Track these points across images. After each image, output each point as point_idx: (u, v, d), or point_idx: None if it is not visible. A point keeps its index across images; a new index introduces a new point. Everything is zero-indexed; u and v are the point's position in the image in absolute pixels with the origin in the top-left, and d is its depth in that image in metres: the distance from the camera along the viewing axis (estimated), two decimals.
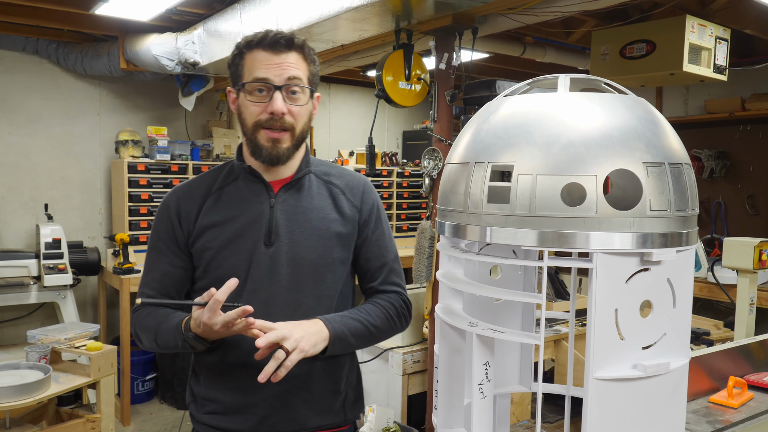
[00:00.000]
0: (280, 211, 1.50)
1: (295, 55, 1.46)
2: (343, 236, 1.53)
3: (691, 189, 1.10)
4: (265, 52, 1.43)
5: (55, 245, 4.16)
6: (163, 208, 1.54)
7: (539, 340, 1.06)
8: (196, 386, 1.57)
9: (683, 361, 1.12)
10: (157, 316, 1.49)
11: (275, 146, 1.45)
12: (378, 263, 1.59)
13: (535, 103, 1.11)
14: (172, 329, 1.43)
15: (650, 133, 1.07)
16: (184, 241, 1.51)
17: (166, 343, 1.46)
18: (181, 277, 1.53)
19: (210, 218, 1.50)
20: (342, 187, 1.57)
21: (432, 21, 2.96)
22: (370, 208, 1.59)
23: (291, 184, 1.53)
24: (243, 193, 1.52)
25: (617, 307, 1.05)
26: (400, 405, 3.08)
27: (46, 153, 4.85)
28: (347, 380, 1.59)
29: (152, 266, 1.54)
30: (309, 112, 1.51)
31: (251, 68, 1.44)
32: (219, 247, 1.47)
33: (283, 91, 1.43)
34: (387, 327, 1.55)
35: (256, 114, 1.44)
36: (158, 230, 1.54)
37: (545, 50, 4.23)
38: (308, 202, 1.52)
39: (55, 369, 3.08)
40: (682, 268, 1.11)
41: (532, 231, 1.04)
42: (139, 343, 1.55)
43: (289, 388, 1.48)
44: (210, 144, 5.14)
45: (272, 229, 1.48)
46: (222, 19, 3.71)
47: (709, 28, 3.29)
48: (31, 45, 4.63)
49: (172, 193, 1.56)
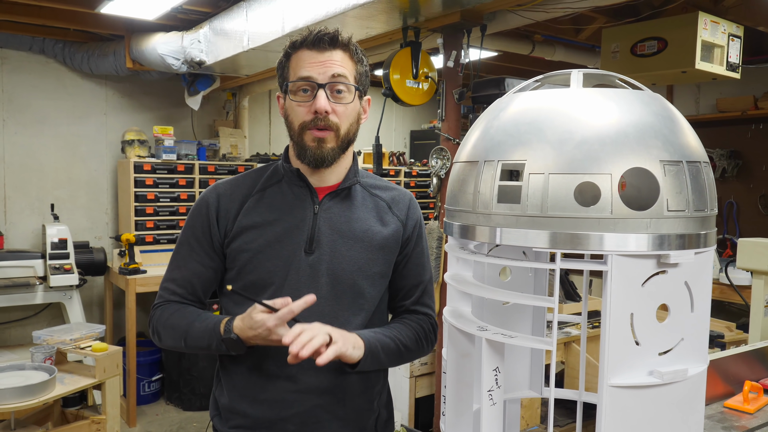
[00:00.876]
0: (324, 219, 1.44)
1: (340, 53, 1.40)
2: (385, 250, 1.47)
3: (709, 188, 1.06)
4: (309, 51, 1.38)
5: (61, 245, 4.14)
6: (201, 204, 1.48)
7: (551, 345, 1.02)
8: (221, 397, 1.49)
9: (701, 367, 1.08)
10: (187, 314, 1.43)
11: (320, 146, 1.39)
12: (414, 281, 1.54)
13: (547, 99, 1.07)
14: (209, 329, 1.37)
15: (667, 130, 1.03)
16: (220, 240, 1.45)
17: (196, 343, 1.39)
18: (209, 278, 1.47)
19: (250, 219, 1.44)
20: (388, 200, 1.52)
21: (440, 18, 2.92)
22: (414, 224, 1.54)
23: (337, 193, 1.47)
24: (286, 196, 1.46)
25: (633, 311, 1.01)
26: (408, 408, 3.04)
27: (52, 153, 4.84)
28: (380, 398, 1.54)
29: (181, 263, 1.48)
30: (356, 112, 1.44)
31: (296, 68, 1.39)
32: (256, 250, 1.41)
33: (326, 89, 1.37)
34: (416, 349, 1.51)
35: (301, 115, 1.39)
36: (193, 226, 1.47)
37: (554, 48, 4.18)
38: (353, 212, 1.47)
39: (61, 370, 3.07)
40: (701, 270, 1.07)
41: (543, 232, 1.00)
42: (157, 340, 1.48)
43: (323, 404, 1.42)
44: (216, 144, 5.12)
45: (314, 237, 1.42)
46: (228, 17, 3.69)
47: (722, 25, 3.23)
48: (37, 44, 4.62)
49: (213, 189, 1.50)
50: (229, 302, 1.48)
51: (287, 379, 1.36)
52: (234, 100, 5.53)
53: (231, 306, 1.47)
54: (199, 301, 1.49)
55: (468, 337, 1.20)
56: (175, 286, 1.47)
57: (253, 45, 3.47)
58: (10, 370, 2.87)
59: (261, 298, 1.32)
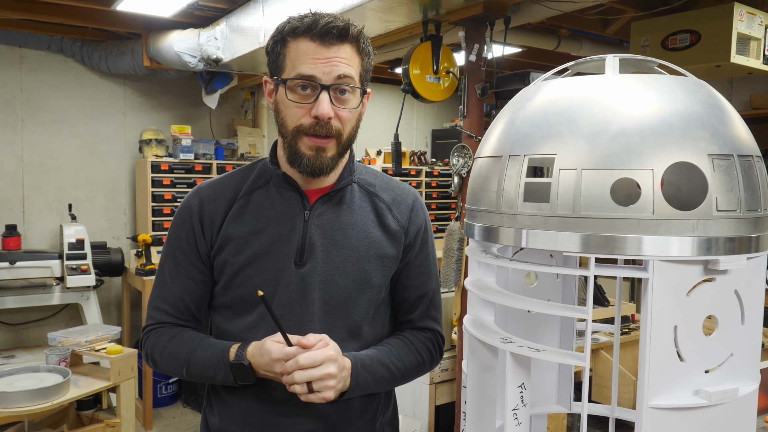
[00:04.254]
0: (316, 227, 1.29)
1: (349, 48, 1.24)
2: (384, 259, 1.33)
3: (762, 185, 0.94)
4: (313, 43, 1.21)
5: (78, 246, 4.12)
6: (184, 212, 1.33)
7: (584, 361, 0.92)
8: (211, 417, 1.38)
9: (753, 386, 0.97)
10: (187, 339, 1.30)
11: (318, 156, 1.24)
12: (417, 293, 1.39)
13: (580, 87, 0.96)
14: (215, 357, 1.25)
15: (716, 120, 0.92)
16: (207, 251, 1.31)
17: (201, 372, 1.27)
18: (201, 293, 1.33)
19: (234, 228, 1.29)
20: (388, 202, 1.37)
21: (461, 10, 2.81)
22: (418, 228, 1.38)
23: (330, 196, 1.32)
24: (274, 201, 1.31)
25: (677, 323, 0.90)
26: (427, 416, 2.93)
27: (70, 153, 4.83)
28: (384, 416, 1.43)
29: (169, 279, 1.33)
30: (359, 114, 1.29)
31: (295, 61, 1.22)
32: (242, 264, 1.28)
33: (330, 92, 1.21)
34: (414, 373, 1.38)
35: (297, 117, 1.22)
36: (177, 236, 1.33)
37: (581, 43, 4.06)
38: (348, 217, 1.32)
39: (75, 372, 3.04)
40: (753, 277, 0.95)
41: (575, 234, 0.89)
42: (153, 366, 1.35)
43: (318, 429, 1.31)
44: (235, 143, 5.07)
45: (305, 247, 1.28)
46: (244, 13, 3.62)
47: (759, 17, 3.08)
48: (55, 44, 4.61)
49: (194, 194, 1.35)
50: (219, 317, 1.35)
51: (281, 402, 1.25)
52: (252, 98, 5.48)
53: (220, 321, 1.34)
54: (194, 320, 1.35)
55: (491, 350, 1.10)
56: (166, 305, 1.33)
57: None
58: (24, 372, 2.84)
59: (250, 317, 1.22)
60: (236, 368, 1.21)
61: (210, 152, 4.81)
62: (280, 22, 1.29)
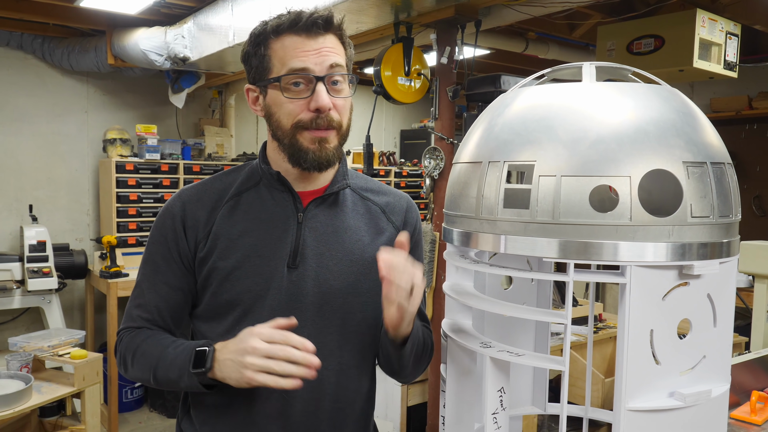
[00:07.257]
0: (309, 229, 1.26)
1: (333, 37, 1.22)
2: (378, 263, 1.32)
3: (734, 192, 0.97)
4: (299, 37, 1.18)
5: (39, 248, 4.01)
6: (165, 216, 1.28)
7: (564, 365, 0.93)
8: (188, 428, 1.33)
9: (724, 387, 0.99)
10: (162, 340, 1.24)
11: (322, 148, 1.21)
12: None
13: (558, 94, 0.98)
14: (181, 358, 1.18)
15: (689, 128, 0.95)
16: (190, 256, 1.27)
17: (166, 374, 1.20)
18: (178, 302, 1.28)
19: (224, 230, 1.25)
20: (382, 205, 1.36)
21: (433, 13, 2.82)
22: (412, 232, 1.36)
23: (324, 198, 1.29)
24: (265, 202, 1.27)
25: (653, 327, 0.92)
26: (399, 417, 2.94)
27: (31, 152, 4.69)
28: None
29: (148, 286, 1.28)
30: (350, 104, 1.28)
31: (283, 58, 1.19)
32: (232, 267, 1.23)
33: (325, 82, 1.19)
34: (425, 354, 1.35)
35: (294, 114, 1.19)
36: (158, 241, 1.28)
37: (548, 46, 4.11)
38: (342, 220, 1.30)
39: (38, 378, 2.95)
40: (724, 282, 0.98)
41: (554, 240, 0.91)
42: (123, 370, 1.29)
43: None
44: (202, 143, 5.00)
45: (298, 250, 1.24)
46: (213, 12, 3.57)
47: (720, 23, 3.17)
48: (15, 40, 4.47)
49: (177, 197, 1.30)
50: (200, 323, 1.31)
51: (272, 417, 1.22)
52: (220, 98, 5.41)
53: (201, 326, 1.30)
54: (168, 327, 1.30)
55: (470, 354, 1.11)
56: (141, 311, 1.28)
57: (239, 40, 3.35)
58: None
59: (231, 317, 1.19)
60: (198, 354, 1.16)
61: (177, 152, 4.73)
62: (254, 27, 1.26)
